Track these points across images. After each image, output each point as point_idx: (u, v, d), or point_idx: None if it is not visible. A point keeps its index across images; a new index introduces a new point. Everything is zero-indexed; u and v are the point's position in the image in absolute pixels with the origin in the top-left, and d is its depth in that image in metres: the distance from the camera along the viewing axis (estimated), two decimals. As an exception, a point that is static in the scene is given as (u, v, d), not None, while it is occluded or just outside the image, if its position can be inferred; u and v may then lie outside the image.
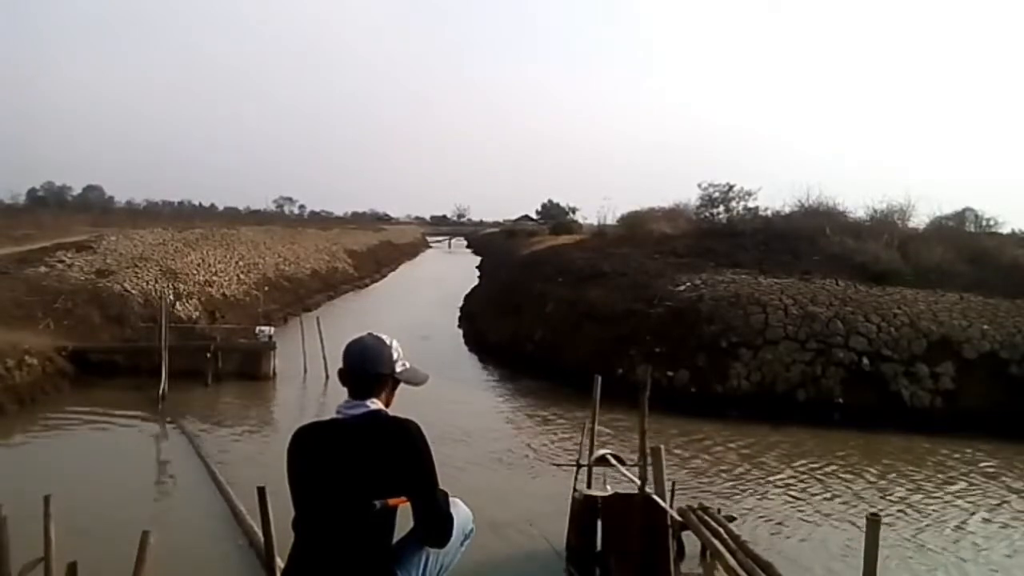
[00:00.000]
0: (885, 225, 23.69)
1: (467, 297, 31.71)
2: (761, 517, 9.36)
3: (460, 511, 2.77)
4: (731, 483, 10.74)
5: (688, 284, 17.78)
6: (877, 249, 20.19)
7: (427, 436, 2.52)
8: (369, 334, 2.69)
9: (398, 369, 2.67)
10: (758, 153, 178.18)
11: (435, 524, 2.54)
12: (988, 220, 29.04)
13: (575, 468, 8.17)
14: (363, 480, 2.45)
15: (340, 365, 2.64)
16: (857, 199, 46.37)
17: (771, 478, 11.04)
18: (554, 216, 73.67)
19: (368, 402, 2.58)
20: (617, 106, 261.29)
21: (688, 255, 21.61)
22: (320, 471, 2.51)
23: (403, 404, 2.72)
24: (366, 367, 2.61)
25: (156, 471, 11.10)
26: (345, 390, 2.60)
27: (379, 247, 58.07)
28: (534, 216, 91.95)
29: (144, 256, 23.72)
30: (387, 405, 2.66)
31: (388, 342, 2.66)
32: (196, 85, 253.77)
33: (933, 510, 10.00)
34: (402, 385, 2.69)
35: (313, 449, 2.56)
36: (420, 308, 29.43)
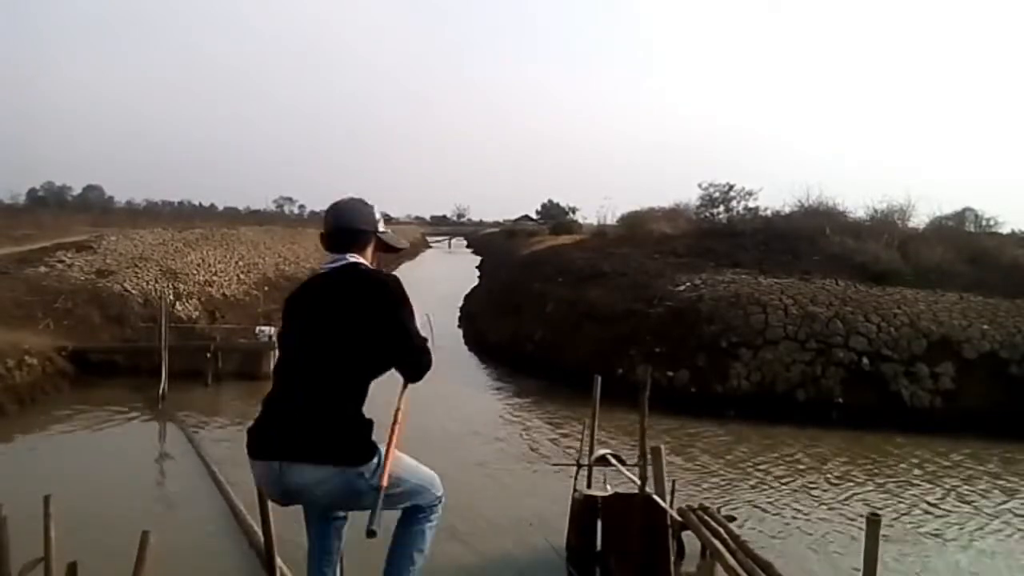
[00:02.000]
0: (885, 225, 23.68)
1: (467, 297, 31.70)
2: (761, 517, 9.37)
3: (423, 473, 2.77)
4: (731, 483, 10.74)
5: (688, 284, 17.78)
6: (877, 249, 20.19)
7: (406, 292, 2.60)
8: (351, 197, 2.74)
9: (381, 228, 2.71)
10: (758, 153, 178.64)
11: (413, 359, 2.57)
12: (988, 220, 29.05)
13: (575, 468, 8.17)
14: (336, 327, 2.49)
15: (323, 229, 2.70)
16: (857, 199, 46.46)
17: (771, 478, 11.04)
18: (554, 216, 73.56)
19: (348, 255, 2.61)
20: (617, 106, 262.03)
21: (688, 255, 21.59)
22: (299, 318, 2.59)
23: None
24: (346, 222, 2.65)
25: (156, 471, 11.09)
26: None
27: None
28: (534, 216, 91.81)
29: (144, 256, 23.71)
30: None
31: (371, 204, 2.71)
32: (196, 85, 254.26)
33: (933, 509, 10.02)
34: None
35: (299, 300, 2.66)
36: (420, 308, 29.34)
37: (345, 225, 2.65)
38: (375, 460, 2.53)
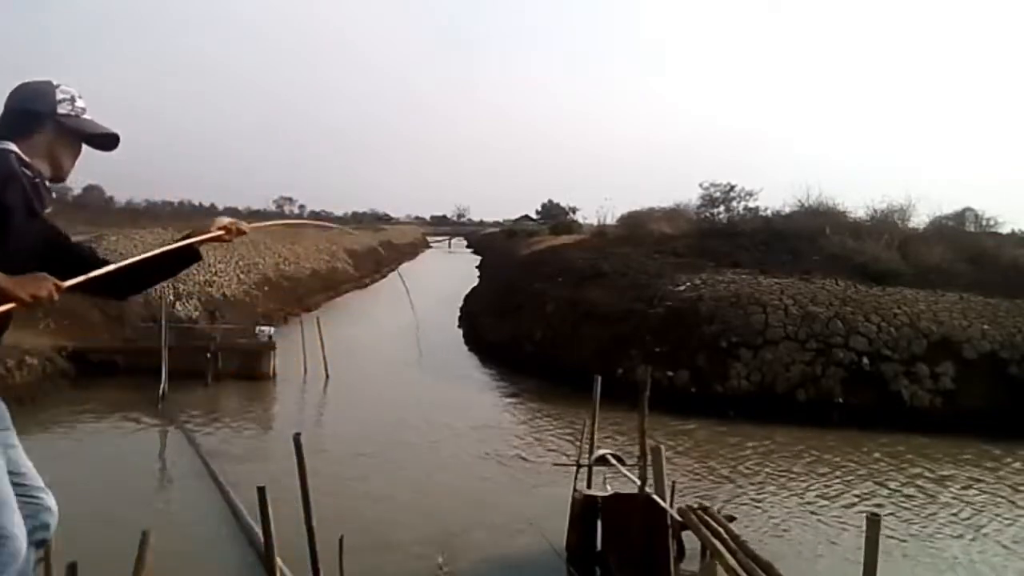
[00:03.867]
0: (885, 225, 23.67)
1: (467, 297, 31.70)
2: (761, 517, 9.37)
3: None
4: (731, 483, 10.73)
5: (688, 284, 17.77)
6: (877, 249, 20.17)
7: (13, 178, 1.98)
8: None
9: (61, 111, 2.13)
10: (759, 153, 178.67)
11: None
12: (988, 220, 28.99)
13: (575, 468, 8.18)
14: None
15: None
16: (857, 199, 46.27)
17: (771, 478, 11.04)
18: (554, 216, 73.57)
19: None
20: (617, 106, 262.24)
21: (688, 255, 21.59)
22: None
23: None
24: (10, 101, 2.11)
25: (156, 471, 11.09)
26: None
27: (379, 247, 58.01)
28: (534, 216, 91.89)
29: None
30: (52, 159, 2.15)
31: (56, 84, 2.16)
32: (196, 85, 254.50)
33: (932, 509, 10.02)
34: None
35: None
36: (420, 308, 29.38)
37: (7, 106, 2.10)
38: None
